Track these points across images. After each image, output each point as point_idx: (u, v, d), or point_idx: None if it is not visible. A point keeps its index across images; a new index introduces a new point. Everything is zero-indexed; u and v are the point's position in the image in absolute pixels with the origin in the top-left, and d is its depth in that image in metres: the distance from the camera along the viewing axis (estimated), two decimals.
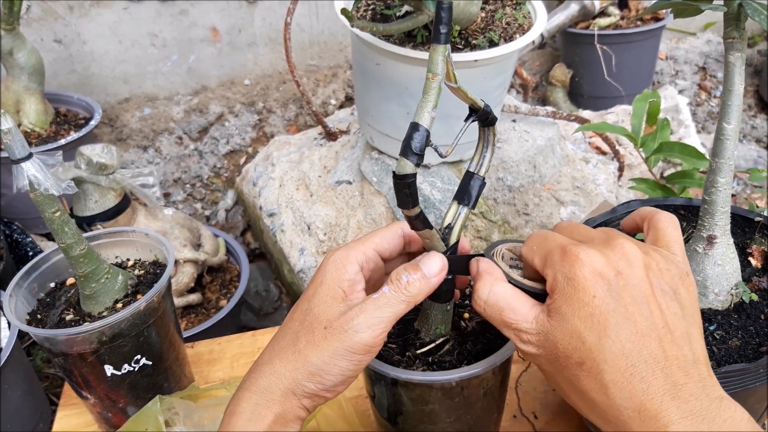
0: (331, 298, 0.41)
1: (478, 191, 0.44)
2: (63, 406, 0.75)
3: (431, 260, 0.42)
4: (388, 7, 1.00)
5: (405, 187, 0.35)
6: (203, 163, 1.87)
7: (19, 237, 1.35)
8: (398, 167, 0.34)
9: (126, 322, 0.62)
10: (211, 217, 1.79)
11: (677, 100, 1.59)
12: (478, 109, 0.43)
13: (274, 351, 0.42)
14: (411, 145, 0.34)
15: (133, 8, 1.85)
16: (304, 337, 0.41)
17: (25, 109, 1.50)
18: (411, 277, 0.41)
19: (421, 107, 0.34)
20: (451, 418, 0.50)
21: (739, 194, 1.79)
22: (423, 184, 1.15)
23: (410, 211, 0.37)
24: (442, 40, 0.35)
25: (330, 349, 0.40)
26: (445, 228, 0.43)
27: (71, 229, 0.60)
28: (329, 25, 2.06)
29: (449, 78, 0.38)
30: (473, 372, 0.46)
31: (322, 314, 0.41)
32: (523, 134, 1.27)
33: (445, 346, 0.49)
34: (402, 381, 0.47)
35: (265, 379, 0.41)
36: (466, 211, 0.44)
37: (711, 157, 0.56)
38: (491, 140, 0.45)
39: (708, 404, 0.34)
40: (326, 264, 0.43)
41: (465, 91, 0.41)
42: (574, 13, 1.94)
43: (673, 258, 0.39)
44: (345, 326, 0.40)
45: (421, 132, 0.34)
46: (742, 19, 0.51)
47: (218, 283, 1.30)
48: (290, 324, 0.43)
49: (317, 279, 0.43)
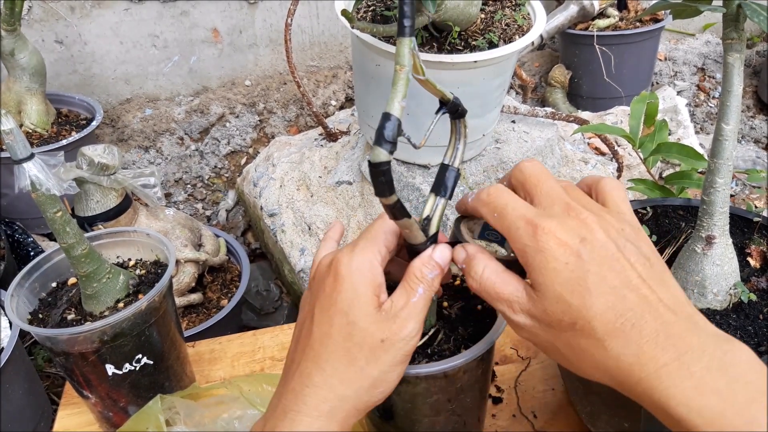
0: (373, 309, 0.41)
1: (454, 182, 0.45)
2: (64, 405, 0.75)
3: (444, 252, 0.43)
4: (388, 9, 1.01)
5: (381, 175, 0.35)
6: (204, 164, 1.87)
7: (20, 237, 1.36)
8: (373, 156, 0.35)
9: (127, 321, 0.62)
10: (212, 218, 1.80)
11: (676, 101, 1.59)
12: (448, 101, 0.44)
13: (326, 373, 0.41)
14: (384, 133, 0.34)
15: (134, 9, 1.85)
16: (361, 355, 0.41)
17: (27, 110, 1.50)
18: (434, 273, 0.43)
19: (392, 98, 0.35)
20: (453, 405, 0.51)
21: (737, 195, 1.79)
22: (423, 185, 1.15)
23: (387, 199, 0.37)
24: (407, 32, 0.36)
25: (389, 360, 0.41)
26: (424, 220, 0.44)
27: (73, 229, 0.61)
28: (329, 26, 2.06)
29: (417, 70, 0.39)
30: (476, 354, 0.47)
31: (371, 327, 0.41)
32: (523, 135, 1.27)
33: (438, 336, 0.50)
34: (407, 377, 0.47)
35: (328, 404, 0.41)
36: (443, 202, 0.45)
37: (709, 158, 0.56)
38: (463, 132, 0.46)
39: (705, 339, 0.35)
40: (350, 272, 0.42)
41: (433, 83, 0.41)
42: (573, 14, 1.95)
43: (624, 217, 0.41)
44: (401, 335, 0.41)
45: (392, 121, 0.34)
46: (741, 20, 0.51)
47: (219, 283, 1.31)
48: (330, 343, 0.42)
49: (346, 289, 0.42)
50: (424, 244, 0.43)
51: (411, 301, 0.42)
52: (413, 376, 0.47)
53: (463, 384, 0.50)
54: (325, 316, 0.42)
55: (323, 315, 0.42)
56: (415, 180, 1.16)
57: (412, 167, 1.18)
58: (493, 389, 0.71)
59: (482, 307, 0.54)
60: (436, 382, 0.48)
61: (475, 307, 0.54)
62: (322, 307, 0.42)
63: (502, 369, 0.74)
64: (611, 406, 0.57)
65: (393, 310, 0.41)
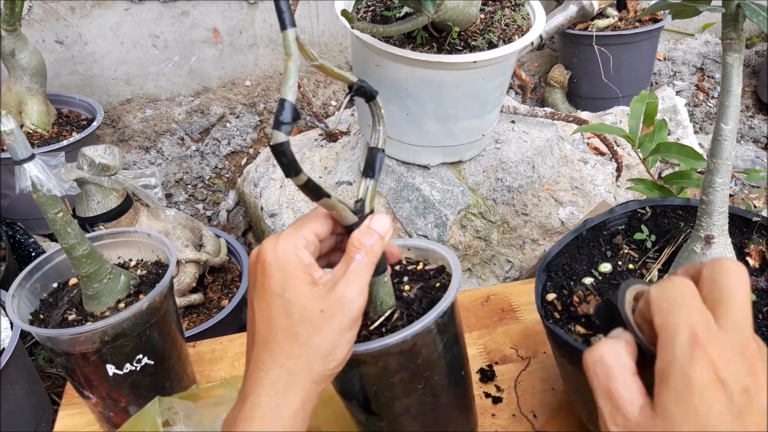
0: (308, 285, 0.43)
1: (380, 163, 0.47)
2: (65, 405, 0.75)
3: (380, 219, 0.45)
4: (387, 9, 1.01)
5: (282, 156, 0.37)
6: (205, 164, 1.87)
7: (21, 238, 1.36)
8: (273, 139, 0.37)
9: (128, 321, 0.62)
10: (213, 218, 1.80)
11: (675, 101, 1.59)
12: (352, 84, 0.45)
13: (275, 354, 0.43)
14: (279, 118, 0.36)
15: (134, 9, 1.85)
16: (302, 329, 0.42)
17: (28, 111, 1.51)
18: (372, 239, 0.44)
19: (284, 84, 0.37)
20: (421, 384, 0.51)
21: (736, 194, 1.79)
22: (423, 185, 1.15)
23: (297, 179, 0.39)
24: (287, 25, 0.38)
25: (334, 328, 0.42)
26: (357, 201, 0.46)
27: (74, 229, 0.61)
28: (329, 26, 2.07)
29: (309, 57, 0.41)
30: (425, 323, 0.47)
31: (308, 302, 0.42)
32: (522, 135, 1.27)
33: (393, 316, 0.50)
34: (362, 356, 0.47)
35: (282, 381, 0.42)
36: (372, 183, 0.46)
37: (709, 158, 0.56)
38: (379, 114, 0.48)
39: None
40: (276, 257, 0.43)
41: (330, 67, 0.43)
42: (572, 14, 1.95)
43: None
44: (341, 301, 0.42)
45: (286, 106, 0.37)
46: (740, 20, 0.52)
47: (220, 283, 1.31)
48: (272, 326, 0.43)
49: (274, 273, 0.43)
50: (357, 224, 0.45)
51: (350, 268, 0.43)
52: (368, 354, 0.48)
53: (423, 359, 0.50)
54: (263, 303, 0.43)
55: (261, 303, 0.44)
56: (415, 180, 1.17)
57: (411, 168, 1.18)
58: (492, 389, 0.71)
59: (440, 284, 0.54)
60: (393, 358, 0.49)
61: (434, 286, 0.54)
62: (258, 296, 0.44)
63: (502, 369, 0.74)
64: None
65: (332, 281, 0.43)
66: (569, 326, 0.58)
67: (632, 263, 0.65)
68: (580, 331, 0.58)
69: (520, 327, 0.80)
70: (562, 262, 0.65)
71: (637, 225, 0.68)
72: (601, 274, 0.64)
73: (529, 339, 0.78)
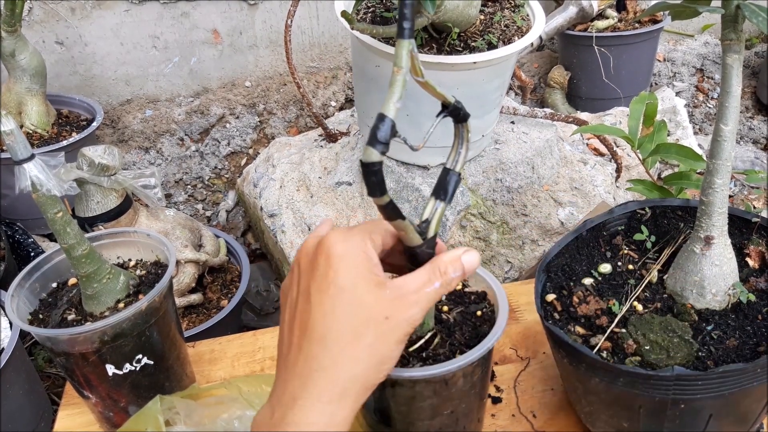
0: (375, 286, 0.41)
1: (455, 186, 0.45)
2: (64, 405, 0.75)
3: (472, 258, 0.43)
4: (387, 10, 1.01)
5: (372, 175, 0.35)
6: (204, 165, 1.87)
7: (21, 238, 1.36)
8: (365, 155, 0.35)
9: (128, 321, 0.62)
10: (212, 218, 1.80)
11: (675, 102, 1.59)
12: (449, 105, 0.44)
13: (334, 352, 0.40)
14: (377, 134, 0.35)
15: (134, 10, 1.86)
16: (368, 331, 0.40)
17: (27, 111, 1.51)
18: (457, 273, 0.43)
19: (388, 99, 0.35)
20: (449, 410, 0.51)
21: (736, 195, 1.80)
22: (422, 186, 1.16)
23: (380, 199, 0.37)
24: (406, 35, 0.36)
25: (394, 339, 0.41)
26: (423, 222, 0.44)
27: (73, 229, 0.61)
28: (329, 27, 2.07)
29: (416, 72, 0.39)
30: (471, 359, 0.47)
31: (376, 304, 0.40)
32: (522, 136, 1.27)
33: (434, 340, 0.50)
34: (402, 380, 0.47)
35: (339, 386, 0.40)
36: (442, 205, 0.45)
37: (708, 159, 0.56)
38: (465, 136, 0.46)
39: None
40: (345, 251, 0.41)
41: (433, 85, 0.41)
42: (572, 15, 1.95)
43: None
44: (404, 315, 0.41)
45: (386, 122, 0.35)
46: (740, 21, 0.52)
47: (219, 284, 1.31)
48: (334, 322, 0.40)
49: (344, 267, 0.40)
50: (420, 247, 0.43)
51: (424, 290, 0.42)
52: (407, 380, 0.47)
53: (459, 389, 0.50)
54: (324, 296, 0.41)
55: (322, 295, 0.41)
56: (414, 181, 1.17)
57: (411, 168, 1.18)
58: (492, 389, 0.71)
59: (481, 312, 0.54)
60: (430, 386, 0.48)
61: (474, 313, 0.54)
62: (319, 287, 0.41)
63: (502, 369, 0.74)
64: (610, 406, 0.57)
65: (402, 290, 0.41)
66: (569, 327, 0.58)
67: (632, 264, 0.65)
68: (579, 331, 0.58)
69: (520, 327, 0.80)
70: (562, 263, 0.65)
71: (637, 226, 0.68)
72: (601, 274, 0.64)
73: (528, 339, 0.78)
